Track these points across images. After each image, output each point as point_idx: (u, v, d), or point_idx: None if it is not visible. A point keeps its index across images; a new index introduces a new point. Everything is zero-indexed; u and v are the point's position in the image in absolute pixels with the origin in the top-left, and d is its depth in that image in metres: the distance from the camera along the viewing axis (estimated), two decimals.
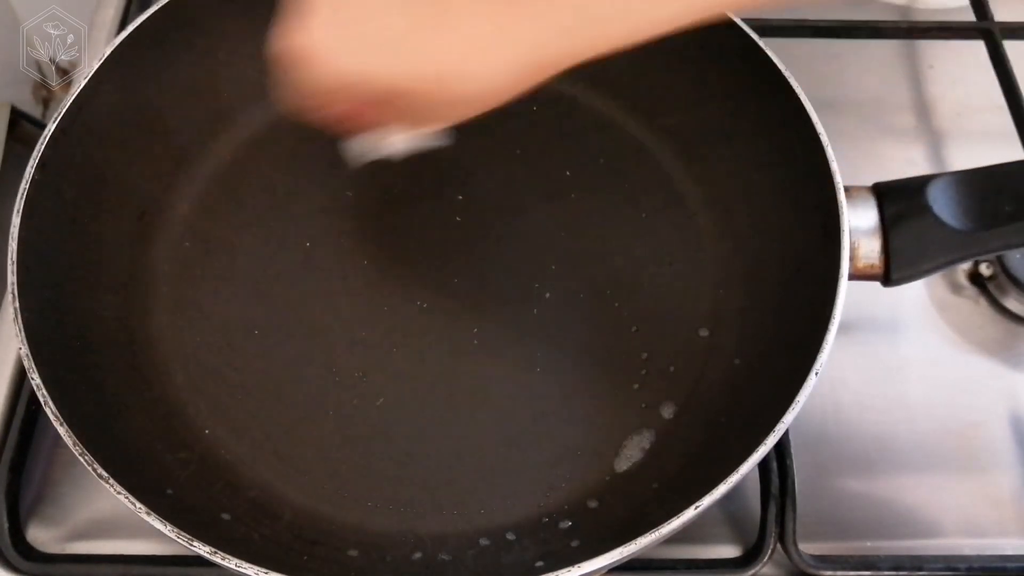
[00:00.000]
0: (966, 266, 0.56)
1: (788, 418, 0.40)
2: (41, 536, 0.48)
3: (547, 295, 0.52)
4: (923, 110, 0.63)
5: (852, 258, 0.44)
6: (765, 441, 0.39)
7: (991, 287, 0.55)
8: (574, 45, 0.35)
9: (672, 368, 0.49)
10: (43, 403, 0.41)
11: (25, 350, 0.42)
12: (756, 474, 0.48)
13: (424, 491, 0.46)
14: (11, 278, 0.44)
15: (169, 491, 0.44)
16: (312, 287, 0.52)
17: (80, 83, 0.49)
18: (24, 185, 0.46)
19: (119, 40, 0.50)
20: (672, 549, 0.47)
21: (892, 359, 0.54)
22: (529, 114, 0.57)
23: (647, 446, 0.47)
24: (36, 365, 0.41)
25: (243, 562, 0.37)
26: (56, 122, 0.48)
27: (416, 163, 0.56)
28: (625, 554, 0.37)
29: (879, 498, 0.49)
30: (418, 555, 0.44)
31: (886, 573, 0.47)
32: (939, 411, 0.52)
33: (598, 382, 0.49)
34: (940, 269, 0.46)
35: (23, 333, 0.42)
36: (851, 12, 0.66)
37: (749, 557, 0.46)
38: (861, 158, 0.58)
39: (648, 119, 0.56)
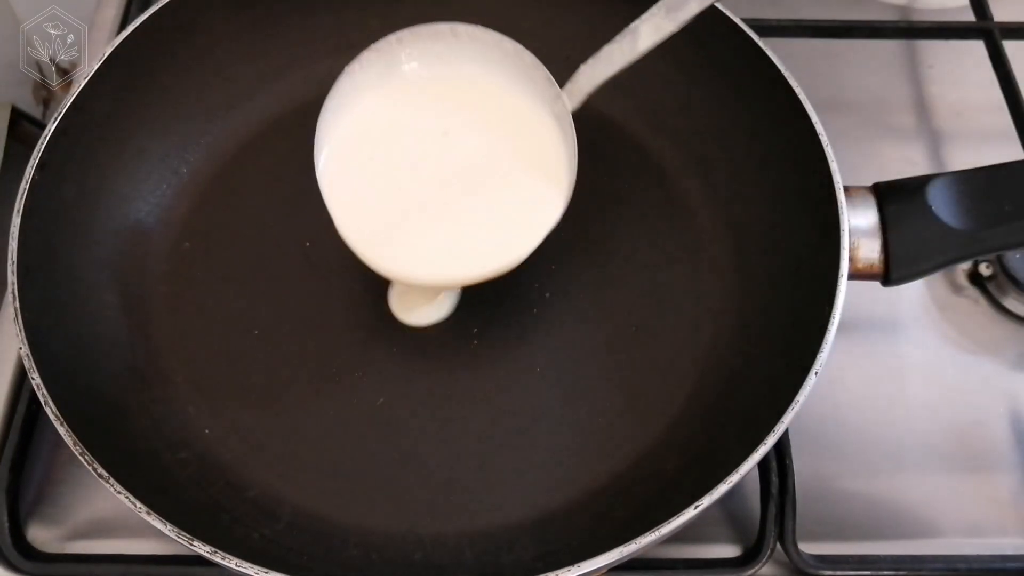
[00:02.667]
0: (966, 266, 0.56)
1: (788, 418, 0.40)
2: (41, 535, 0.48)
3: (547, 295, 0.52)
4: (923, 110, 0.63)
5: (852, 258, 0.44)
6: (765, 441, 0.39)
7: (991, 287, 0.56)
8: None
9: (672, 368, 0.49)
10: (43, 403, 0.41)
11: (25, 350, 0.42)
12: (756, 474, 0.48)
13: (424, 491, 0.46)
14: (11, 278, 0.44)
15: (169, 491, 0.44)
16: (312, 287, 0.52)
17: (80, 83, 0.49)
18: (24, 185, 0.46)
19: (119, 40, 0.50)
20: (672, 549, 0.47)
21: (892, 359, 0.54)
22: None
23: (647, 446, 0.47)
24: (36, 365, 0.41)
25: (243, 562, 0.37)
26: (56, 122, 0.48)
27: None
28: (625, 554, 0.37)
29: (879, 498, 0.49)
30: (418, 555, 0.44)
31: (886, 573, 0.47)
32: (939, 411, 0.52)
33: (598, 382, 0.49)
34: (940, 269, 0.46)
35: (23, 333, 0.42)
36: (851, 12, 0.66)
37: (749, 557, 0.46)
38: (861, 158, 0.58)
39: (648, 119, 0.56)
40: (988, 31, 0.63)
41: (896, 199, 0.45)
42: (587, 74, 0.46)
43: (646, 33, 0.44)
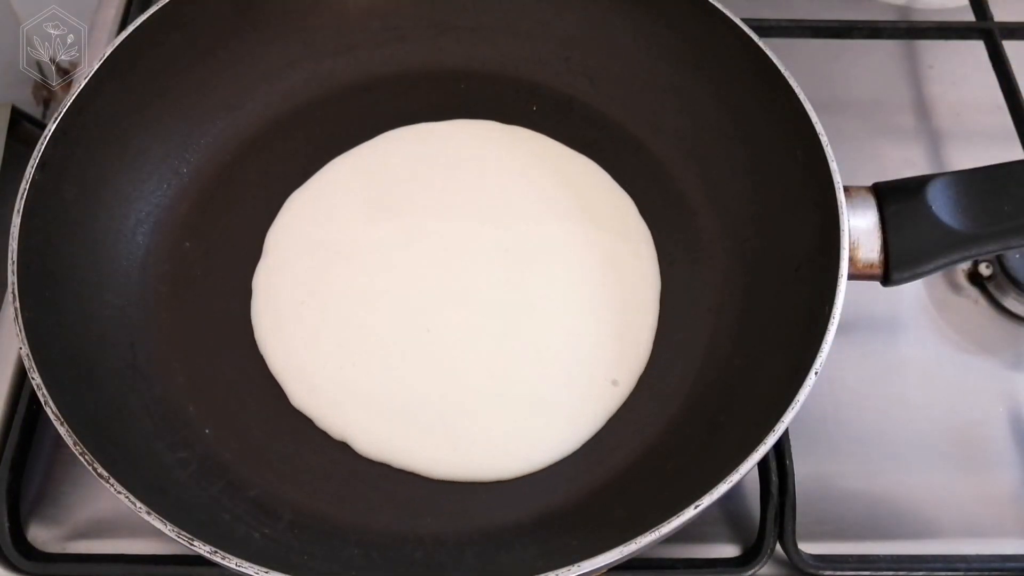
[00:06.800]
0: (965, 266, 0.56)
1: (788, 418, 0.40)
2: (42, 535, 0.48)
3: None
4: (922, 110, 0.63)
5: (852, 258, 0.44)
6: (765, 441, 0.39)
7: (990, 287, 0.56)
8: None
9: (672, 368, 0.49)
10: (43, 403, 0.41)
11: (25, 350, 0.42)
12: (756, 474, 0.48)
13: (424, 491, 0.46)
14: (11, 278, 0.44)
15: (169, 491, 0.44)
16: None
17: (80, 83, 0.49)
18: (24, 185, 0.46)
19: (119, 40, 0.50)
20: (672, 548, 0.47)
21: (892, 359, 0.54)
22: (529, 114, 0.57)
23: (647, 446, 0.47)
24: (36, 365, 0.41)
25: (243, 561, 0.37)
26: (56, 122, 0.48)
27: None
28: (625, 553, 0.37)
29: (878, 498, 0.49)
30: (418, 555, 0.44)
31: (885, 573, 0.47)
32: (938, 411, 0.52)
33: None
34: (939, 269, 0.46)
35: (23, 333, 0.42)
36: (851, 12, 0.66)
37: (748, 556, 0.46)
38: (861, 158, 0.58)
39: (648, 119, 0.56)
40: (988, 31, 0.63)
41: (896, 199, 0.45)
42: None
43: None
